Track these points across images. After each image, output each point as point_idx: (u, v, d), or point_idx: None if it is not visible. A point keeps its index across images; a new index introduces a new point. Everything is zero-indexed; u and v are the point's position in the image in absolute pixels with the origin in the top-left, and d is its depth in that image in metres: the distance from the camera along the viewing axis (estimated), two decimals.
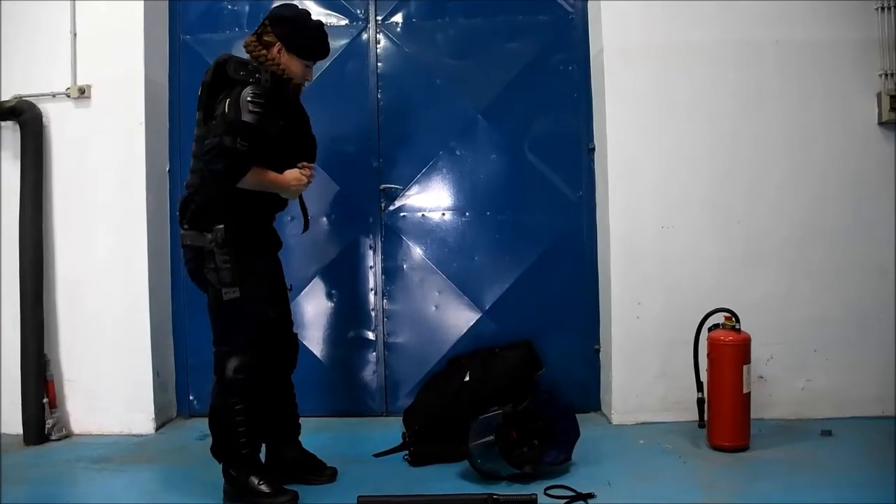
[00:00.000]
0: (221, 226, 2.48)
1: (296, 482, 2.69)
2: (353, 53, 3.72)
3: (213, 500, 2.62)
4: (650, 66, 3.42)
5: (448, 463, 2.90)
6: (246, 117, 2.43)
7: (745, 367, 2.95)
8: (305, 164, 2.71)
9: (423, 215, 3.71)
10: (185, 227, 2.58)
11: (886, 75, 3.35)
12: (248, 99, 2.44)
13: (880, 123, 3.36)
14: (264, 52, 2.60)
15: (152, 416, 3.51)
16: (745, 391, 2.96)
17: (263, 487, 2.53)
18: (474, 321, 3.66)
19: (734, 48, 3.41)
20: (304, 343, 3.45)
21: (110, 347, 3.51)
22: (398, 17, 3.73)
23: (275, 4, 3.01)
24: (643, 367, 3.42)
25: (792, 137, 3.40)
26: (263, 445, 2.73)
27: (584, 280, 3.65)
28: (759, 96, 3.41)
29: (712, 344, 3.00)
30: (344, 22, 3.74)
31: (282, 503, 2.54)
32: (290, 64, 2.61)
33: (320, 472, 2.79)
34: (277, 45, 2.60)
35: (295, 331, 2.88)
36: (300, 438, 2.85)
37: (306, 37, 2.65)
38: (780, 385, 3.37)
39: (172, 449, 3.29)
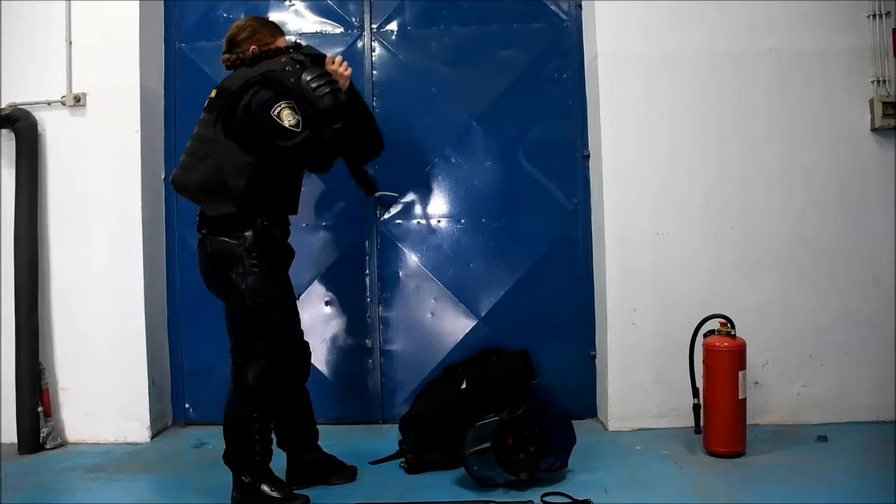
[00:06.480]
0: (250, 232, 2.52)
1: (318, 484, 2.78)
2: (348, 61, 3.68)
3: None
4: (645, 73, 3.44)
5: (444, 470, 2.90)
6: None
7: (740, 373, 2.96)
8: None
9: (418, 222, 3.72)
10: (207, 232, 2.59)
11: (879, 82, 3.37)
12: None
13: (873, 130, 3.38)
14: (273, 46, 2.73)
15: (147, 424, 3.49)
16: (740, 397, 2.96)
17: (275, 493, 2.57)
18: (470, 328, 3.66)
19: (728, 56, 3.43)
20: None
21: (105, 355, 3.50)
22: (393, 26, 3.74)
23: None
24: (639, 374, 3.42)
25: (786, 144, 3.42)
26: (285, 454, 2.81)
27: (580, 286, 3.65)
28: (753, 103, 3.42)
29: (708, 350, 3.01)
30: (339, 30, 3.75)
31: None
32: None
33: (341, 472, 2.87)
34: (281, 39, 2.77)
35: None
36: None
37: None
38: (775, 391, 3.38)
39: (168, 457, 3.28)
